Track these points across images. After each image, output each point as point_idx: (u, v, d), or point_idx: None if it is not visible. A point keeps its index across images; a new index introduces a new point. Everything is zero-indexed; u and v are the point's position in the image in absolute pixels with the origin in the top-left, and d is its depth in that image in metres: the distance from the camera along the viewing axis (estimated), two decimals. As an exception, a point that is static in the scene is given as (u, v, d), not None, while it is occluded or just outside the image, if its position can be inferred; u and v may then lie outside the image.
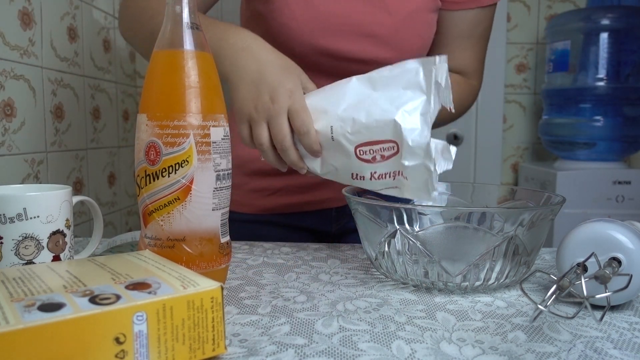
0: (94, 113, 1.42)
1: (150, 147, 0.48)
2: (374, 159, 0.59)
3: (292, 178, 0.83)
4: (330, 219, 0.88)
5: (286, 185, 0.84)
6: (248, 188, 0.85)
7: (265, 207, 0.85)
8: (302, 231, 0.88)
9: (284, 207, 0.85)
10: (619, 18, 1.61)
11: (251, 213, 0.85)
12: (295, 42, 0.75)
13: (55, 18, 1.21)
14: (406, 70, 0.59)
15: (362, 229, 0.58)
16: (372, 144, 0.58)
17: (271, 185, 0.84)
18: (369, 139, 0.58)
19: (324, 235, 0.89)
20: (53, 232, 0.51)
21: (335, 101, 0.60)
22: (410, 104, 0.57)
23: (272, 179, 0.84)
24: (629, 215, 1.54)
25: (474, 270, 0.51)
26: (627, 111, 1.66)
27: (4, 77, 1.02)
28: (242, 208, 0.85)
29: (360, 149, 0.59)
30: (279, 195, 0.84)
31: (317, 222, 0.88)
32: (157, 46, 0.49)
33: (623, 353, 0.40)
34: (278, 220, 0.86)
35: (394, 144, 0.58)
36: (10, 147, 1.05)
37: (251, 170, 0.84)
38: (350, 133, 0.58)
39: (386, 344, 0.41)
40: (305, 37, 0.74)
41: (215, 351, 0.38)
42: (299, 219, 0.87)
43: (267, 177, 0.84)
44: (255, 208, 0.85)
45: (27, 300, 0.34)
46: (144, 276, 0.39)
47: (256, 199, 0.85)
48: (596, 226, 0.49)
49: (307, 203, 0.85)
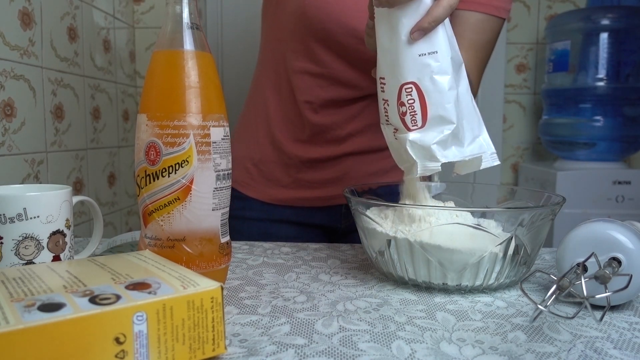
0: (94, 113, 1.42)
1: (150, 147, 0.48)
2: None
3: (303, 173, 0.85)
4: (339, 215, 0.89)
5: (297, 180, 0.86)
6: (262, 177, 0.88)
7: (278, 197, 0.88)
8: (312, 228, 0.90)
9: (295, 200, 0.87)
10: (619, 18, 1.61)
11: (264, 201, 0.88)
12: (324, 18, 0.75)
13: (55, 18, 1.21)
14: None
15: (362, 228, 0.58)
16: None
17: (283, 179, 0.87)
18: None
19: (332, 231, 0.90)
20: (53, 232, 0.51)
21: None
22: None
23: (284, 172, 0.86)
24: (629, 215, 1.54)
25: (474, 270, 0.51)
26: (627, 111, 1.66)
27: (4, 77, 1.02)
28: (257, 194, 0.88)
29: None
30: (290, 188, 0.87)
31: (327, 218, 0.89)
32: (157, 46, 0.49)
33: (623, 353, 0.40)
34: (289, 216, 0.88)
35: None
36: (10, 147, 1.05)
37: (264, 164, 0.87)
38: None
39: (386, 344, 0.41)
40: (334, 15, 0.75)
41: (215, 351, 0.38)
42: (309, 215, 0.88)
43: (280, 170, 0.87)
44: (268, 196, 0.88)
45: (27, 300, 0.34)
46: (144, 276, 0.39)
47: (269, 187, 0.88)
48: (596, 226, 0.49)
49: (318, 198, 0.87)
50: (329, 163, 0.85)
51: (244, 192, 0.90)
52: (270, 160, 0.87)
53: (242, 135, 0.91)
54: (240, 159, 0.90)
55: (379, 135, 0.84)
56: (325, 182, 0.86)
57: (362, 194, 0.64)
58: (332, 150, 0.85)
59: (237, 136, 0.93)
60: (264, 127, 0.87)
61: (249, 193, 0.89)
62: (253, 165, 0.88)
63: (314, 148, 0.85)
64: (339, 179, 0.86)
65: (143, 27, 1.72)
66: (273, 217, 0.89)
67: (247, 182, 0.89)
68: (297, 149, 0.85)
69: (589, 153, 1.68)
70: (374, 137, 0.85)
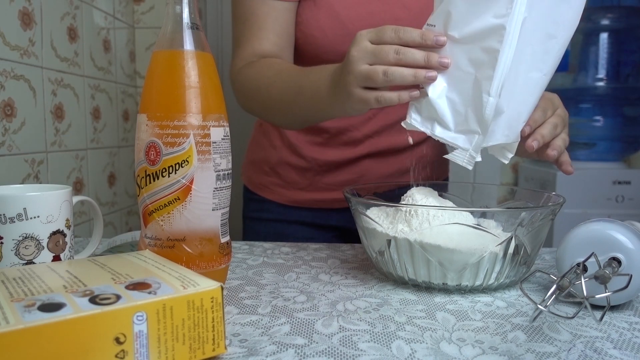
0: (94, 113, 1.42)
1: (151, 147, 0.48)
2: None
3: (320, 176, 0.86)
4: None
5: (313, 182, 0.87)
6: (278, 179, 0.89)
7: (294, 199, 0.88)
8: (328, 229, 0.90)
9: (312, 202, 0.88)
10: (619, 18, 1.62)
11: (280, 203, 0.89)
12: (321, 50, 0.77)
13: (55, 18, 1.21)
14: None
15: (362, 228, 0.58)
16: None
17: (300, 181, 0.88)
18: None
19: (348, 233, 0.90)
20: (53, 232, 0.51)
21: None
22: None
23: (301, 175, 0.87)
24: (629, 215, 1.54)
25: (474, 270, 0.51)
26: (627, 111, 1.66)
27: (4, 77, 1.02)
28: (273, 196, 0.89)
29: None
30: (307, 190, 0.88)
31: (343, 220, 0.89)
32: (157, 46, 0.49)
33: (623, 353, 0.40)
34: (305, 218, 0.89)
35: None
36: (10, 147, 1.05)
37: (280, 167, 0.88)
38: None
39: (386, 344, 0.41)
40: (329, 45, 0.76)
41: (215, 351, 0.38)
42: (325, 217, 0.89)
43: (296, 173, 0.87)
44: (285, 198, 0.89)
45: (27, 300, 0.34)
46: (144, 276, 0.39)
47: (286, 189, 0.88)
48: (596, 226, 0.49)
49: (335, 200, 0.87)
50: (346, 165, 0.85)
51: (261, 194, 0.90)
52: (286, 163, 0.87)
53: (258, 139, 0.91)
54: (257, 162, 0.90)
55: (395, 136, 0.84)
56: (342, 184, 0.86)
57: (362, 194, 0.64)
58: (348, 153, 0.85)
59: (253, 140, 0.93)
60: (279, 131, 0.87)
61: (265, 195, 0.90)
62: (270, 168, 0.89)
63: (330, 151, 0.85)
64: (355, 181, 0.86)
65: (143, 27, 1.72)
66: (289, 219, 0.89)
67: (265, 185, 0.90)
68: (313, 152, 0.85)
69: (589, 153, 1.68)
70: (390, 138, 0.85)
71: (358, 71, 0.56)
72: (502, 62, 0.52)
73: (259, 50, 0.75)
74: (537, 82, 0.54)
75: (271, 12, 0.75)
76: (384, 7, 0.76)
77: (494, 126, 0.54)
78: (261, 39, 0.75)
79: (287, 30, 0.77)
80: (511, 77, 0.52)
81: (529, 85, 0.54)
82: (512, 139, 0.55)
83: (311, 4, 0.76)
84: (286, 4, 0.75)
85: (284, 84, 0.69)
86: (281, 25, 0.76)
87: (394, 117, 0.83)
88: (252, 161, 0.92)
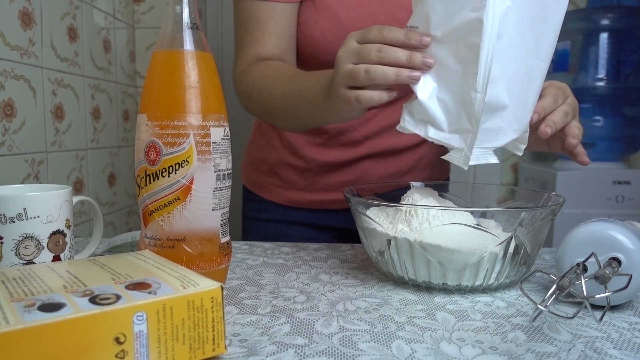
0: (94, 113, 1.42)
1: (151, 147, 0.48)
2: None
3: (320, 177, 0.86)
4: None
5: (313, 183, 0.87)
6: (278, 180, 0.89)
7: (293, 199, 0.88)
8: (327, 230, 0.90)
9: (311, 203, 0.88)
10: (619, 18, 1.61)
11: (280, 203, 0.89)
12: (320, 51, 0.77)
13: (55, 18, 1.21)
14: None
15: (362, 228, 0.58)
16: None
17: (299, 182, 0.88)
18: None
19: (348, 234, 0.90)
20: (53, 232, 0.51)
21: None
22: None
23: (300, 175, 0.87)
24: (629, 215, 1.54)
25: (474, 270, 0.51)
26: (627, 111, 1.66)
27: (4, 77, 1.02)
28: (273, 196, 0.89)
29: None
30: (306, 191, 0.87)
31: (342, 220, 0.89)
32: (157, 46, 0.49)
33: (623, 353, 0.40)
34: (305, 218, 0.89)
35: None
36: (10, 147, 1.05)
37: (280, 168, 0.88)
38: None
39: (386, 344, 0.41)
40: (328, 45, 0.76)
41: (215, 351, 0.38)
42: (325, 218, 0.89)
43: (296, 173, 0.87)
44: (285, 199, 0.89)
45: (27, 300, 0.34)
46: (144, 276, 0.39)
47: (286, 189, 0.88)
48: (596, 226, 0.49)
49: (335, 201, 0.87)
50: (345, 166, 0.85)
51: (261, 194, 0.90)
52: (286, 163, 0.87)
53: (257, 139, 0.91)
54: (256, 162, 0.90)
55: (395, 137, 0.84)
56: (342, 185, 0.86)
57: (362, 194, 0.64)
58: (348, 154, 0.85)
59: (252, 140, 0.93)
60: (278, 132, 0.87)
61: (265, 196, 0.90)
62: (269, 168, 0.89)
63: (330, 151, 0.85)
64: (355, 182, 0.86)
65: (143, 27, 1.72)
66: (289, 219, 0.89)
67: (264, 185, 0.90)
68: (313, 152, 0.85)
69: (589, 153, 1.66)
70: (390, 139, 0.85)
71: (343, 71, 0.56)
72: (484, 56, 0.50)
73: (262, 53, 0.75)
74: (537, 69, 0.54)
75: (273, 15, 0.75)
76: (383, 9, 0.76)
77: (501, 123, 0.54)
78: (263, 42, 0.75)
79: (289, 31, 0.77)
80: (509, 69, 0.52)
81: (529, 74, 0.54)
82: (522, 131, 0.55)
83: (310, 5, 0.76)
84: (287, 5, 0.75)
85: (286, 87, 0.69)
86: (283, 27, 0.76)
87: (393, 118, 0.83)
88: (252, 161, 0.92)
